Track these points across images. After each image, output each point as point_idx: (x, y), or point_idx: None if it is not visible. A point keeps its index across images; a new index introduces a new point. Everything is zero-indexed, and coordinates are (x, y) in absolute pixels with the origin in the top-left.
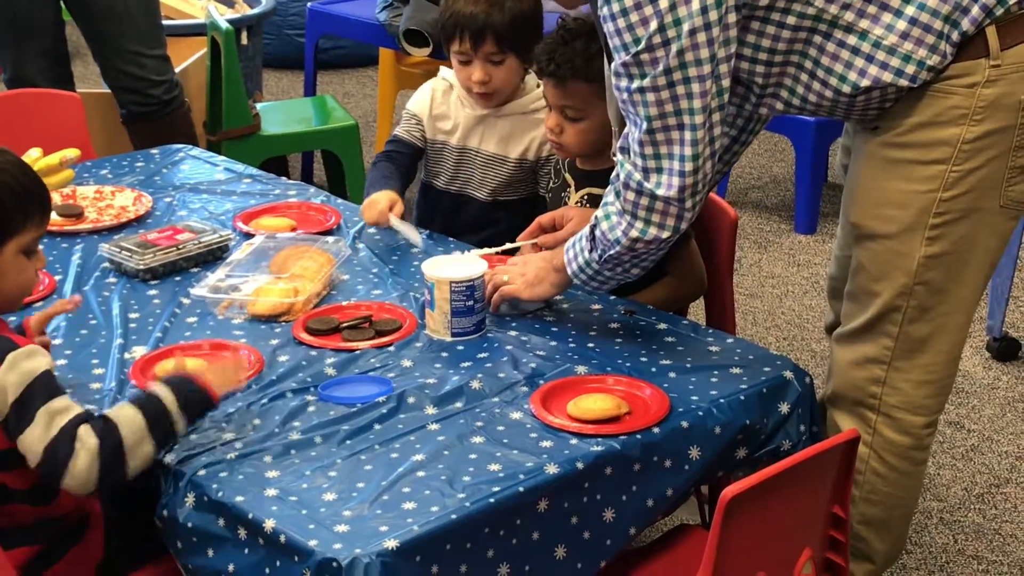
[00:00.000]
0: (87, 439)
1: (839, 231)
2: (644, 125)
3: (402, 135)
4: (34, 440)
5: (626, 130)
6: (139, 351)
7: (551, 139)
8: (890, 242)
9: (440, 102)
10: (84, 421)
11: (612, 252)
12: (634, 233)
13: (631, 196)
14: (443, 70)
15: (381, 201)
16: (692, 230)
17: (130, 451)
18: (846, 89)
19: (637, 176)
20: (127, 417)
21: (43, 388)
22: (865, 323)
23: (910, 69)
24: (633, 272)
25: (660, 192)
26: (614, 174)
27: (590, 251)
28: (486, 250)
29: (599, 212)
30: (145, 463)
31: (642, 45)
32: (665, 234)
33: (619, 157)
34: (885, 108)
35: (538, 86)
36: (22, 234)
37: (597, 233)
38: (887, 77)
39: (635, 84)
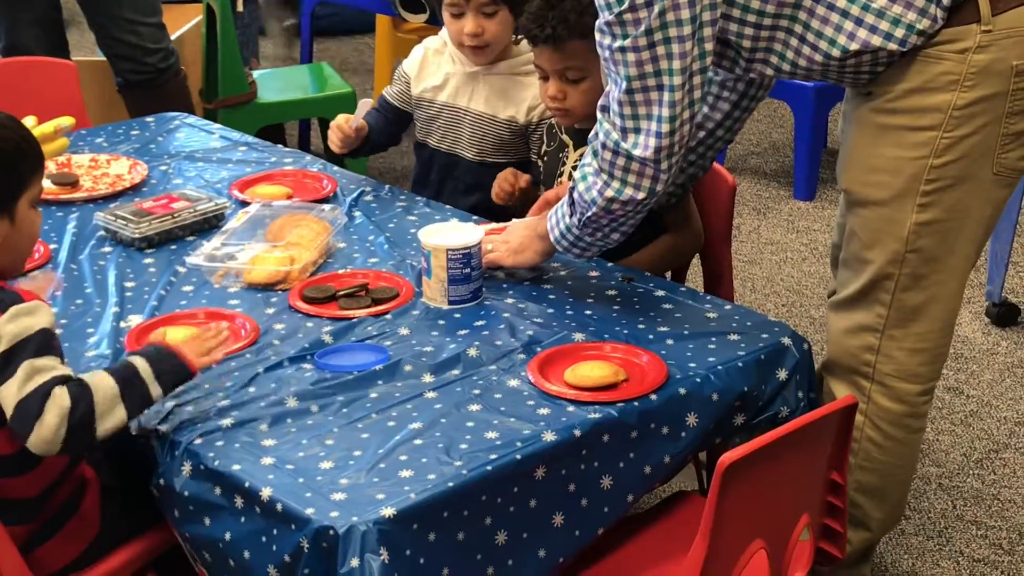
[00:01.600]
0: (61, 399)
1: (840, 198)
2: (624, 84)
3: (386, 95)
4: (10, 393)
5: (607, 89)
6: (135, 320)
7: (554, 107)
8: (882, 209)
9: (431, 60)
10: (61, 382)
11: (590, 213)
12: (609, 192)
13: (608, 155)
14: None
15: (338, 118)
16: (690, 185)
17: (100, 416)
18: (835, 53)
19: (615, 135)
20: (101, 383)
21: (36, 344)
22: (858, 291)
23: (899, 33)
24: (613, 237)
25: (636, 152)
26: (592, 133)
27: (570, 216)
28: (493, 225)
29: (576, 174)
30: (116, 428)
31: (625, 5)
32: (640, 195)
33: (599, 116)
34: (877, 72)
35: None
36: (32, 186)
37: (575, 195)
38: (876, 41)
39: (616, 43)
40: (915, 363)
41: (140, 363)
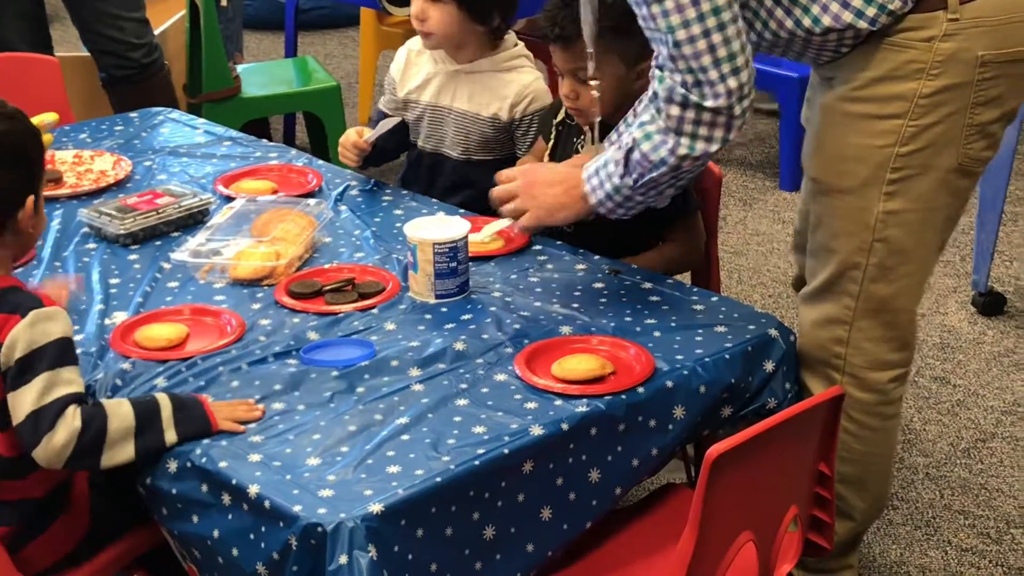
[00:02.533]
0: (71, 420)
1: (803, 185)
2: (671, 38)
3: (381, 106)
4: (25, 401)
5: (656, 52)
6: (120, 316)
7: (569, 106)
8: (849, 197)
9: (414, 62)
10: (77, 401)
11: (654, 174)
12: (682, 151)
13: (676, 111)
14: None
15: (349, 134)
16: (700, 200)
17: (109, 446)
18: (807, 22)
19: (681, 90)
20: (120, 413)
21: (53, 354)
22: (826, 281)
23: (871, 11)
24: (667, 193)
25: (708, 103)
26: (650, 92)
27: (622, 176)
28: (497, 221)
29: (636, 133)
30: (121, 463)
31: None
32: (714, 147)
33: (658, 74)
34: (841, 53)
35: (516, 45)
36: (41, 179)
37: (635, 156)
38: (847, 17)
39: None
40: (884, 351)
41: (164, 403)
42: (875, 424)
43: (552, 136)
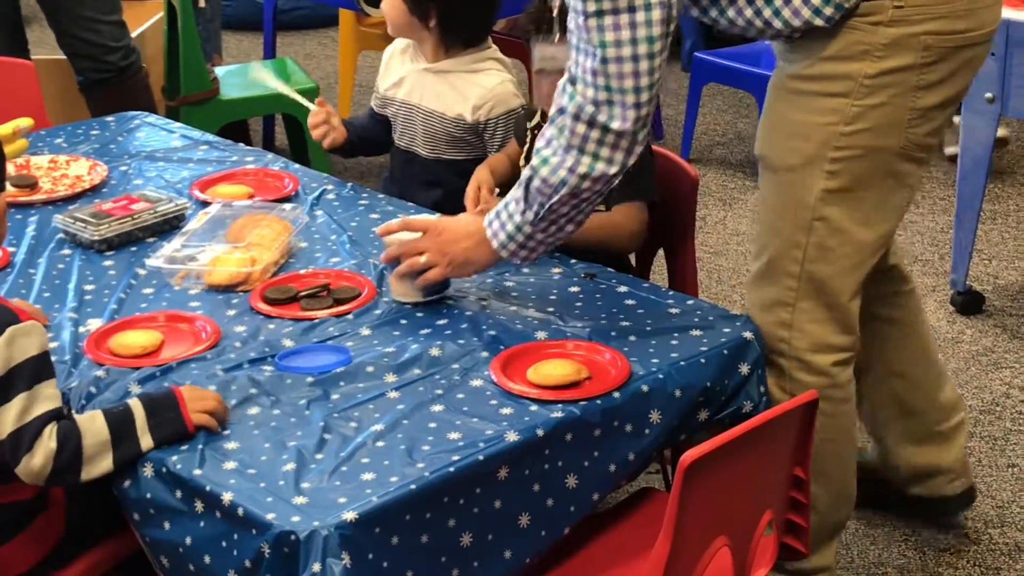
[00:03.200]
0: (48, 441)
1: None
2: (599, 53)
3: (372, 104)
4: (5, 421)
5: (572, 59)
6: (94, 324)
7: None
8: (792, 175)
9: (396, 60)
10: (55, 417)
11: (554, 200)
12: (582, 169)
13: (581, 129)
14: None
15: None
16: (672, 202)
17: (87, 461)
18: (767, 13)
19: (590, 108)
20: (92, 429)
21: (32, 371)
22: (769, 261)
23: (828, 11)
24: (567, 229)
25: (614, 125)
26: (556, 109)
27: (523, 212)
28: None
29: (534, 161)
30: (101, 474)
31: None
32: (613, 169)
33: (568, 89)
34: (793, 39)
35: (489, 47)
36: (5, 187)
37: (535, 185)
38: (806, 13)
39: (593, 7)
40: (827, 334)
41: (137, 410)
42: (827, 409)
43: (527, 140)
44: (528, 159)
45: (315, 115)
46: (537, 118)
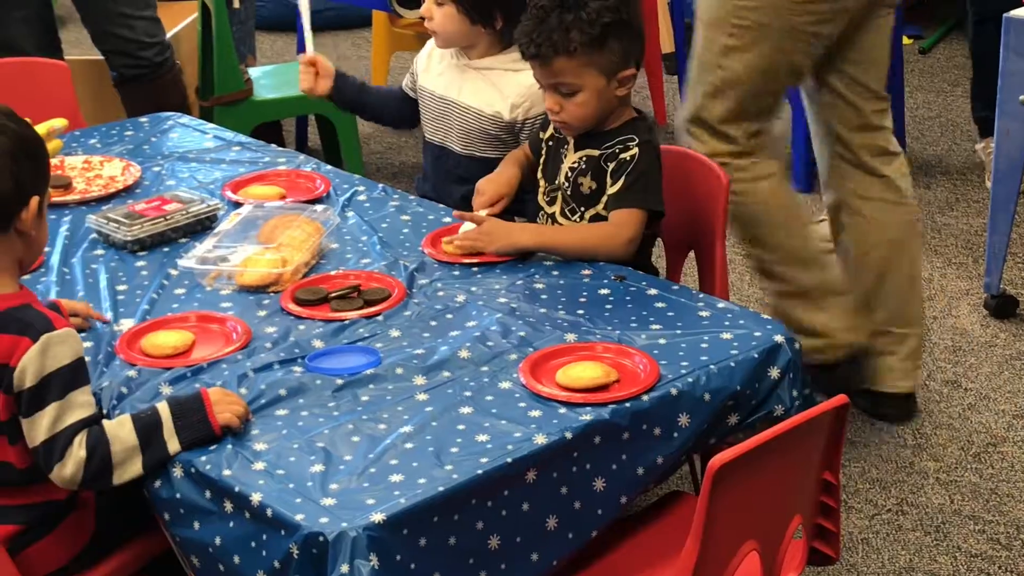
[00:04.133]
0: (78, 450)
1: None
2: None
3: (403, 84)
4: (38, 429)
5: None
6: (127, 324)
7: (553, 120)
8: (706, 30)
9: (436, 53)
10: (85, 427)
11: None
12: None
13: None
14: None
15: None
16: (701, 202)
17: (117, 466)
18: None
19: None
20: (120, 436)
21: (64, 379)
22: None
23: None
24: None
25: None
26: None
27: None
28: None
29: None
30: (132, 478)
31: None
32: None
33: None
34: None
35: None
36: (47, 182)
37: None
38: None
39: None
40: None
41: (164, 414)
42: (740, 180)
43: (543, 152)
44: (545, 173)
45: (304, 57)
46: (551, 130)
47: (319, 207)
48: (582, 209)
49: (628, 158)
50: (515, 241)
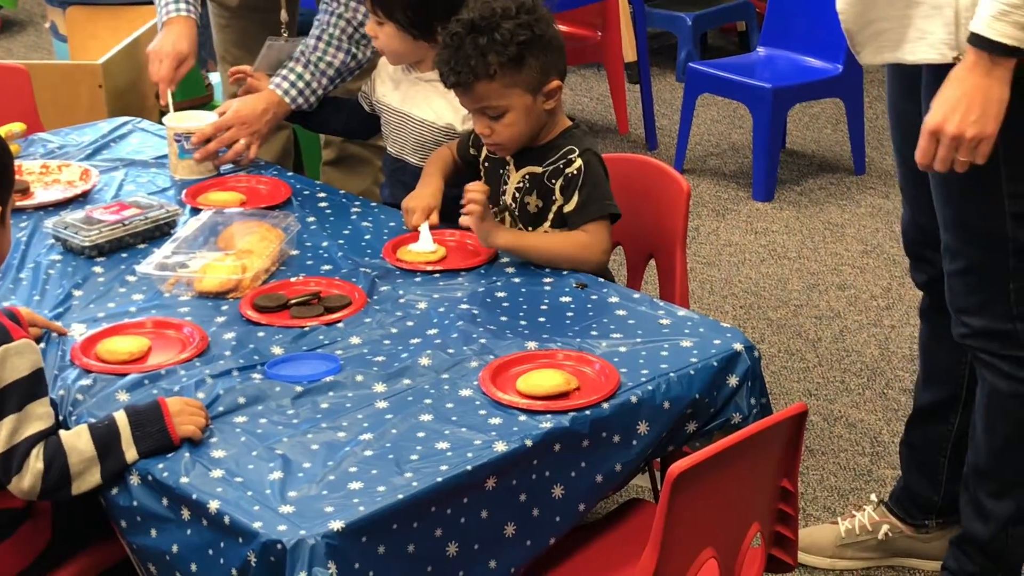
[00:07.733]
0: (35, 463)
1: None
2: None
3: (359, 97)
4: None
5: None
6: (81, 329)
7: (487, 144)
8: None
9: (388, 67)
10: (42, 439)
11: None
12: None
13: None
14: None
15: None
16: (662, 213)
17: (75, 477)
18: None
19: None
20: (78, 447)
21: (22, 392)
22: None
23: None
24: None
25: None
26: None
27: None
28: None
29: None
30: (90, 488)
31: None
32: None
33: None
34: None
35: None
36: (10, 192)
37: None
38: None
39: None
40: None
41: (122, 424)
42: None
43: (482, 173)
44: (487, 190)
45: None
46: (486, 150)
47: (280, 213)
48: (530, 228)
49: (575, 172)
50: (492, 240)
